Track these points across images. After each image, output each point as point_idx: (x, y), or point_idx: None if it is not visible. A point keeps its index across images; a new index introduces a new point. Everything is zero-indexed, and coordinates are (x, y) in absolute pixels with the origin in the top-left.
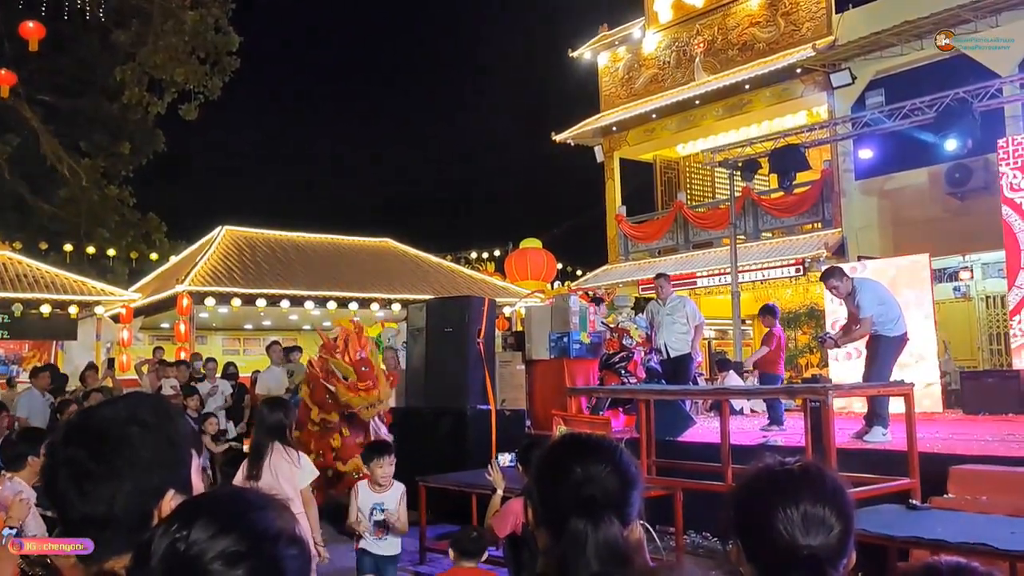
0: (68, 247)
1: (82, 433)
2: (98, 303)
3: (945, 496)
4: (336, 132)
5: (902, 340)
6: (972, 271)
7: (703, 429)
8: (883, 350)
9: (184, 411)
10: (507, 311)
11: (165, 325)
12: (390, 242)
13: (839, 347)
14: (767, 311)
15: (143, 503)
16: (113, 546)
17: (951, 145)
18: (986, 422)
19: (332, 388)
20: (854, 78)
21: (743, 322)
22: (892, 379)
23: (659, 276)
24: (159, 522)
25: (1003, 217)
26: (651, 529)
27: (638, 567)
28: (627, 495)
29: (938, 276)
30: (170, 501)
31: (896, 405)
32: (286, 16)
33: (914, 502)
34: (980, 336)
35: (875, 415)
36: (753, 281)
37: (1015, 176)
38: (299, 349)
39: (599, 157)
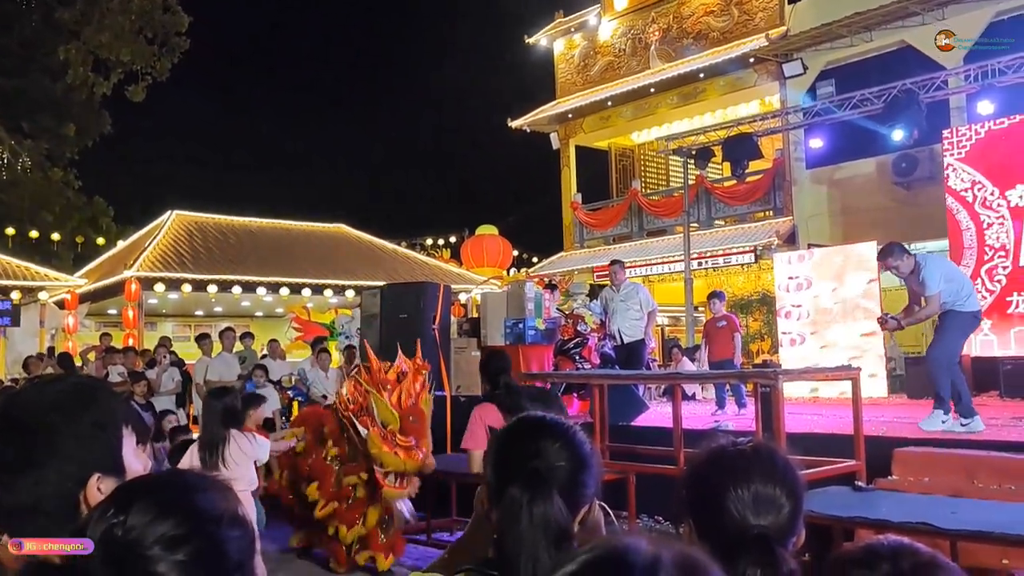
0: (10, 231)
1: (1, 423)
2: (42, 288)
3: (889, 478)
4: (289, 116)
5: (975, 317)
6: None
7: (656, 414)
8: (951, 325)
9: (131, 397)
10: (463, 298)
11: (113, 311)
12: (344, 228)
13: (902, 328)
14: (717, 296)
15: (68, 491)
16: (45, 535)
17: (898, 135)
18: (929, 406)
19: (362, 431)
20: (805, 68)
21: (696, 309)
22: (840, 364)
23: (613, 263)
24: (94, 507)
25: (947, 206)
26: (610, 511)
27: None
28: (577, 476)
29: None
30: (95, 485)
31: (842, 389)
32: None
33: (859, 484)
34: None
35: (936, 397)
36: (706, 268)
37: (959, 166)
38: (251, 335)
39: (555, 144)
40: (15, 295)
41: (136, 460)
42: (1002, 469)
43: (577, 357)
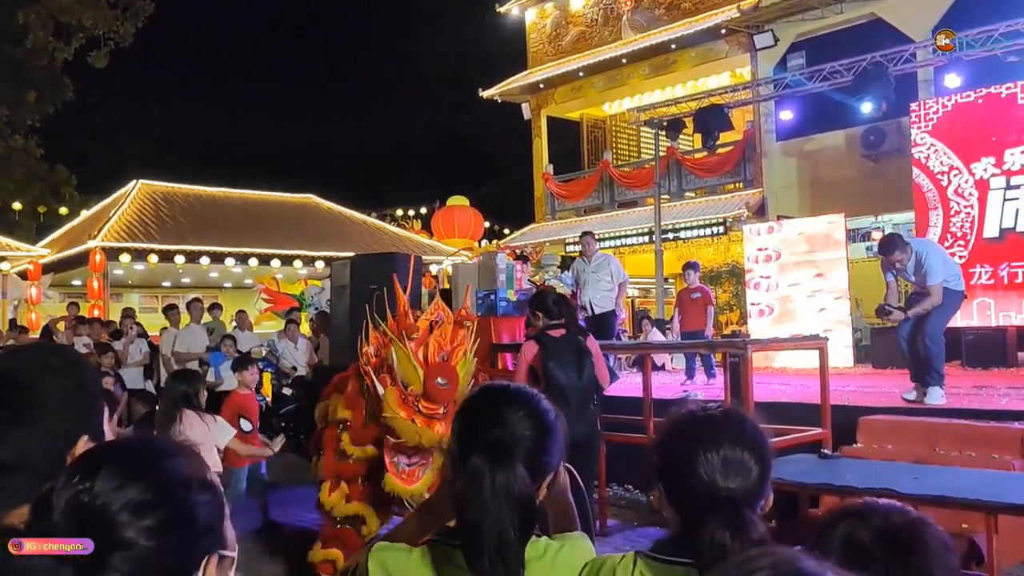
0: None
1: None
2: (3, 259)
3: (854, 445)
4: (257, 84)
5: (962, 295)
6: (884, 231)
7: (626, 384)
8: (945, 302)
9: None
10: (434, 269)
11: (77, 282)
12: (313, 198)
13: (908, 319)
14: (692, 267)
15: (56, 448)
16: (22, 494)
17: (867, 108)
18: (893, 376)
19: (379, 389)
20: (776, 40)
21: (666, 280)
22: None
23: (584, 234)
24: (60, 474)
25: (913, 179)
26: (576, 475)
27: (558, 520)
28: (541, 443)
29: (852, 236)
30: (84, 446)
31: (809, 359)
32: None
33: (825, 451)
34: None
35: (935, 373)
36: (676, 240)
37: (926, 139)
38: (220, 307)
39: (526, 115)
40: None
41: (110, 430)
42: (963, 436)
43: None
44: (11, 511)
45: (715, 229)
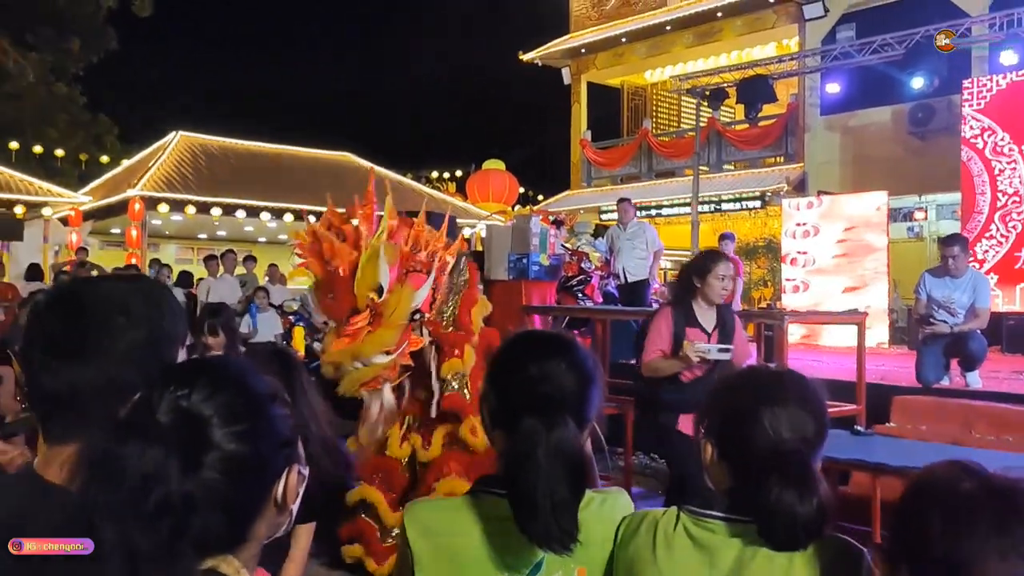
0: (14, 145)
1: (65, 306)
2: (45, 204)
3: (888, 424)
4: (299, 41)
5: None
6: (927, 212)
7: None
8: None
9: None
10: (467, 232)
11: (116, 230)
12: (350, 156)
13: (949, 334)
14: (728, 237)
15: (108, 395)
16: (73, 430)
17: (917, 83)
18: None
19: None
20: (827, 11)
21: None
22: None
23: (621, 200)
24: (155, 382)
25: (962, 159)
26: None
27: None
28: (584, 392)
29: (893, 215)
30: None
31: (843, 336)
32: None
33: (859, 428)
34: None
35: (977, 361)
36: (713, 212)
37: (977, 118)
38: (254, 259)
39: (566, 79)
40: (19, 209)
41: None
42: (1001, 419)
43: (580, 295)
44: (61, 446)
45: (753, 203)
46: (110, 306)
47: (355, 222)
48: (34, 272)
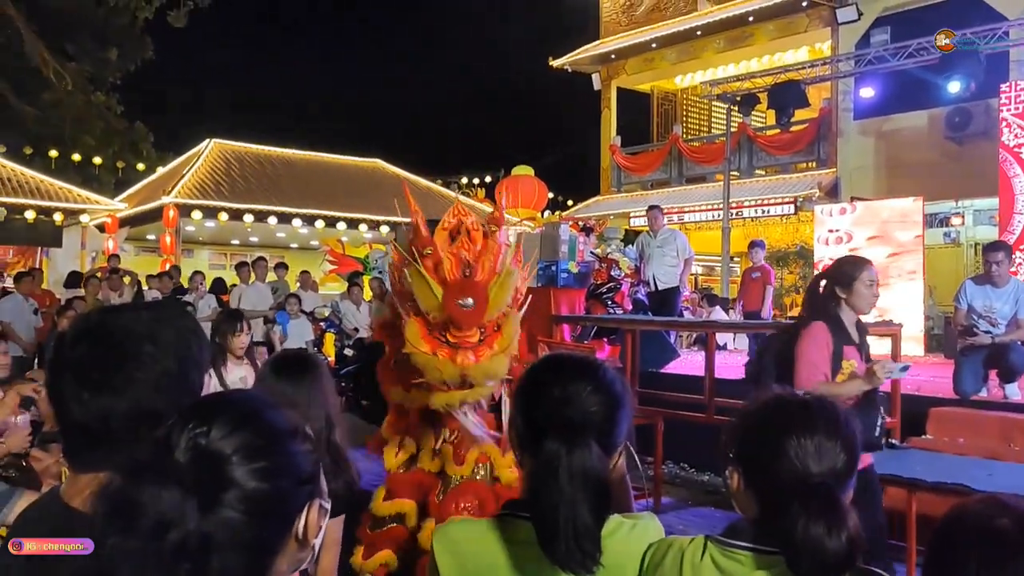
0: (53, 153)
1: (94, 336)
2: (83, 211)
3: (924, 437)
4: (329, 48)
5: None
6: (964, 217)
7: (686, 362)
8: None
9: None
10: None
11: (151, 237)
12: (380, 163)
13: (991, 345)
14: (758, 245)
15: (136, 427)
16: (99, 462)
17: (954, 87)
18: None
19: (403, 316)
20: (860, 14)
21: (731, 259)
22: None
23: (652, 208)
24: (173, 420)
25: (1000, 164)
26: (633, 452)
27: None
28: (611, 417)
29: (929, 221)
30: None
31: (877, 346)
32: None
33: (894, 441)
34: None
35: (1018, 373)
36: (744, 218)
37: (1016, 122)
38: (285, 266)
39: (596, 85)
40: (57, 216)
41: None
42: None
43: (609, 302)
44: (89, 473)
45: (785, 208)
46: (139, 336)
47: (495, 230)
48: (74, 279)
